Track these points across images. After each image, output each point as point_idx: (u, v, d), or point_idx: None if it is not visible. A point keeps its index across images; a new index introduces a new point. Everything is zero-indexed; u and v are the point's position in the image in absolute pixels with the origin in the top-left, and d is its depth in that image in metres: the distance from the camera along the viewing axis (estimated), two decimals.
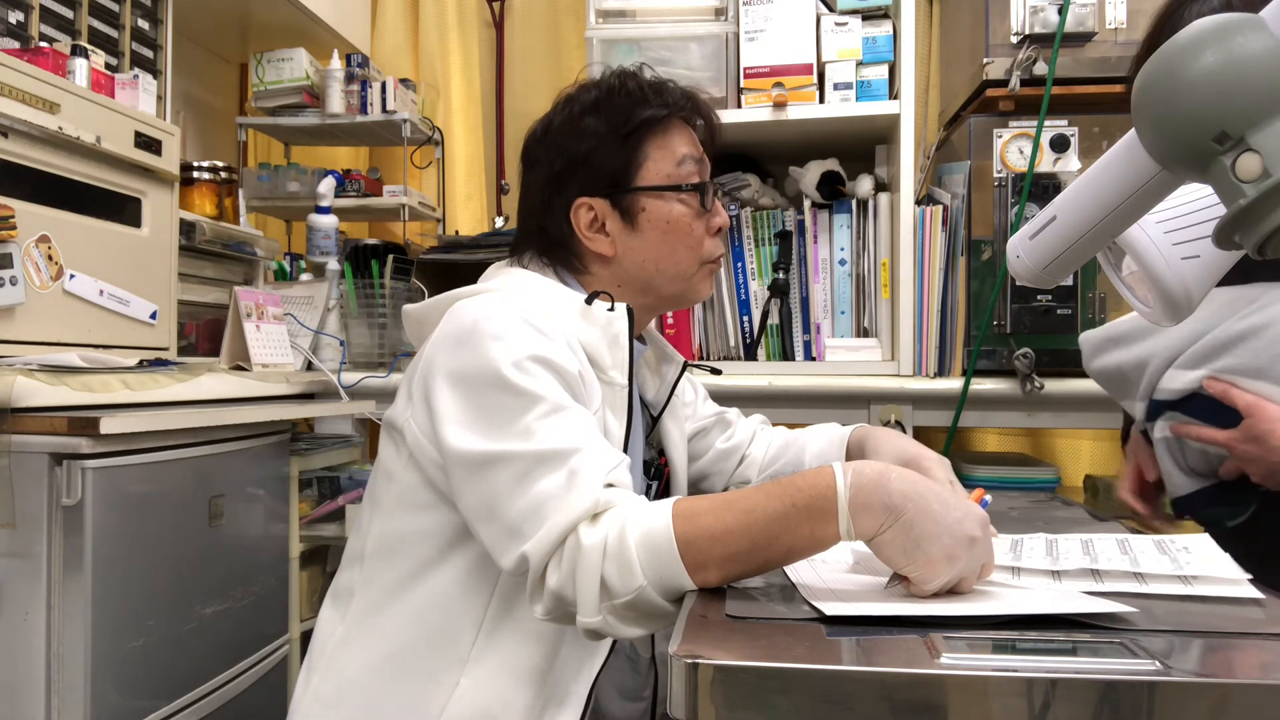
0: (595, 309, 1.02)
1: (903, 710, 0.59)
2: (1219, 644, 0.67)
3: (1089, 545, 0.91)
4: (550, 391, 0.90)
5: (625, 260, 1.09)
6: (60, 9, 1.66)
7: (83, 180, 1.50)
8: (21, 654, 1.11)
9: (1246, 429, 1.06)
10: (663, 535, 0.79)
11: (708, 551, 0.78)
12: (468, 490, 0.90)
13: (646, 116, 1.07)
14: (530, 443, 0.87)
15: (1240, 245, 0.67)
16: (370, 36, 2.71)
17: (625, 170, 1.08)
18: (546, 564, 0.83)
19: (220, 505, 1.38)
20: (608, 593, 0.80)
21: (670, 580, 0.79)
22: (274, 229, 2.70)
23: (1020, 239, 1.00)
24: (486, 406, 0.90)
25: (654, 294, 1.11)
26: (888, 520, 0.75)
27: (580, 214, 1.08)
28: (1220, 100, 0.64)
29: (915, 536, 0.74)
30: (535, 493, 0.85)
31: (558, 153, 1.09)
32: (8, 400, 1.08)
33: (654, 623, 0.83)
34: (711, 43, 1.86)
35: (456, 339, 0.95)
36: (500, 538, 0.87)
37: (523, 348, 0.91)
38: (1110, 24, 1.71)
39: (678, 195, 1.08)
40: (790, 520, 0.78)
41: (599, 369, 1.00)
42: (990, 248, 1.72)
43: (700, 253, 1.10)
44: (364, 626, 0.98)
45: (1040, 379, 1.67)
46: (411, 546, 0.98)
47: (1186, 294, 0.94)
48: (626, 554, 0.80)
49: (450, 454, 0.91)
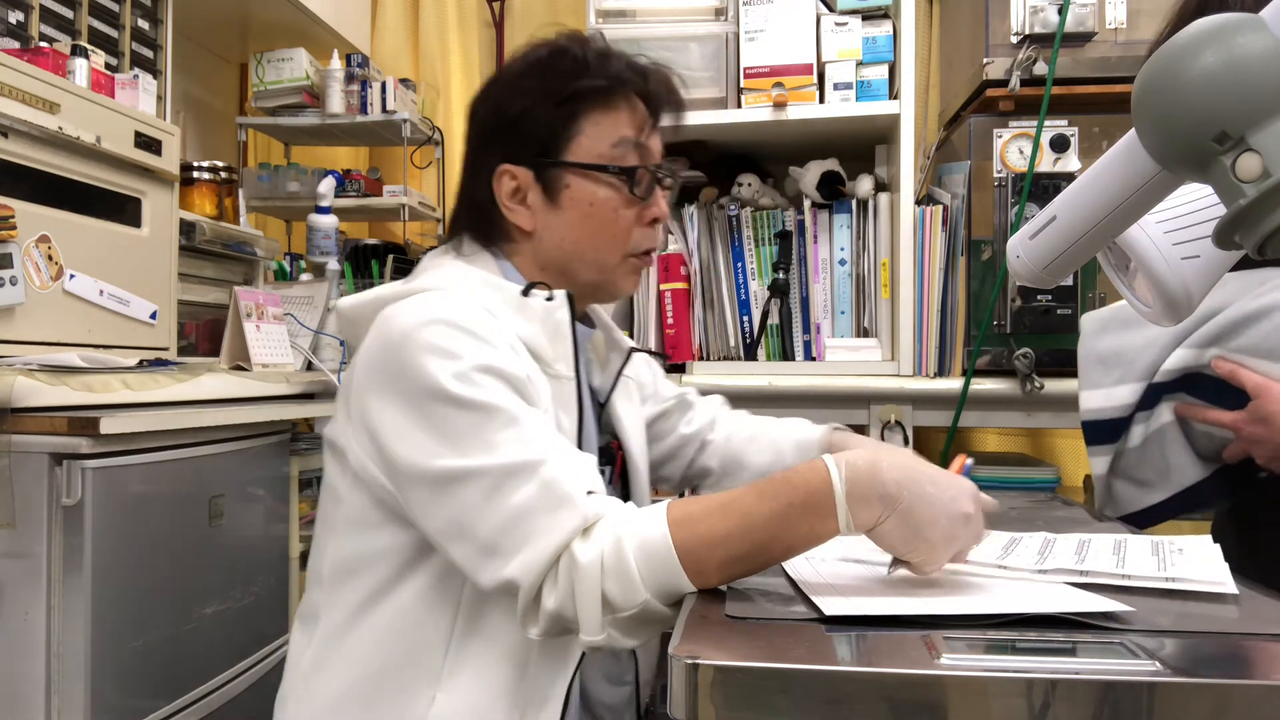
0: (533, 301, 0.97)
1: (903, 710, 0.59)
2: (1219, 644, 0.67)
3: (1084, 546, 0.91)
4: (503, 400, 0.86)
5: (543, 238, 1.02)
6: (60, 9, 1.66)
7: (83, 180, 1.50)
8: (21, 654, 1.11)
9: (1254, 410, 1.05)
10: (661, 545, 0.78)
11: (708, 557, 0.78)
12: (432, 511, 0.86)
13: (584, 85, 0.99)
14: (495, 456, 0.83)
15: (1240, 245, 0.67)
16: (370, 36, 2.71)
17: (554, 141, 1.00)
18: (540, 586, 0.81)
19: (220, 505, 1.38)
20: (610, 608, 0.79)
21: (672, 588, 0.79)
22: (274, 229, 2.70)
23: (1020, 239, 1.00)
24: (438, 424, 0.86)
25: (572, 280, 1.03)
26: (885, 510, 0.75)
27: (502, 180, 1.01)
28: (1220, 100, 0.64)
29: (915, 524, 0.75)
30: (508, 507, 0.82)
31: (491, 109, 1.03)
32: (8, 400, 1.08)
33: (656, 629, 0.82)
34: (711, 43, 1.86)
35: (389, 353, 0.89)
36: (475, 557, 0.84)
37: (465, 358, 0.87)
38: (1110, 24, 1.71)
39: (605, 177, 1.00)
40: (789, 519, 0.77)
41: (543, 363, 0.96)
42: (990, 248, 1.72)
43: (625, 244, 1.02)
44: (332, 650, 0.95)
45: (1040, 379, 1.67)
46: (369, 567, 0.94)
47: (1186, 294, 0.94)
48: (626, 567, 0.78)
49: (408, 474, 0.87)
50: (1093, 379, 1.22)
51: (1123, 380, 1.18)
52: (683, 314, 1.86)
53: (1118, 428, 1.19)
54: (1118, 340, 1.20)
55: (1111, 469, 1.21)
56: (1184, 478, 1.16)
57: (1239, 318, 1.09)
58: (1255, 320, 1.07)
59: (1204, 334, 1.11)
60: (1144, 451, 1.18)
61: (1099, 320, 1.24)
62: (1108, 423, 1.20)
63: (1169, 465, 1.16)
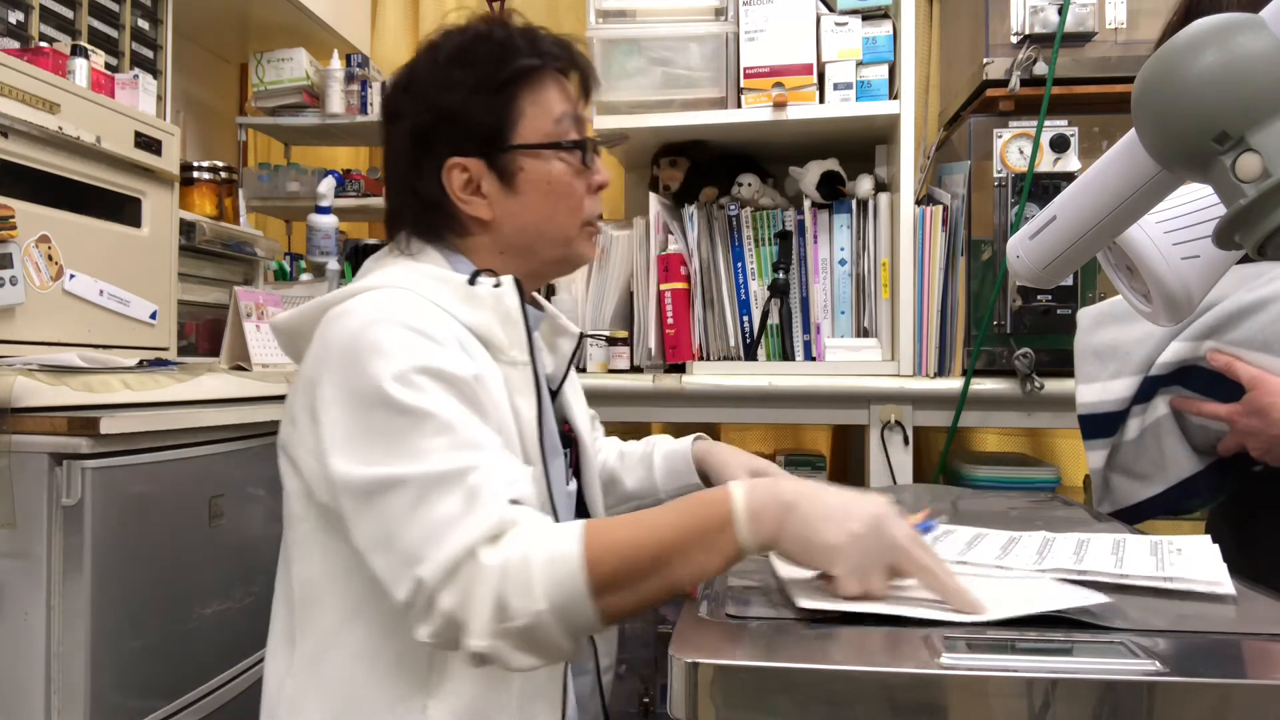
0: (480, 289, 0.96)
1: (903, 710, 0.59)
2: (1219, 644, 0.67)
3: (1083, 546, 0.91)
4: (440, 406, 0.84)
5: (505, 225, 1.01)
6: (60, 9, 1.66)
7: (83, 180, 1.50)
8: (21, 654, 1.11)
9: (1249, 402, 1.05)
10: (568, 555, 0.77)
11: (614, 571, 0.77)
12: (359, 520, 0.85)
13: (519, 67, 0.99)
14: (423, 464, 0.82)
15: (1240, 245, 0.67)
16: (370, 36, 2.71)
17: (499, 128, 0.99)
18: (442, 586, 0.79)
19: (220, 505, 1.38)
20: (502, 615, 0.77)
21: (571, 606, 0.77)
22: (274, 229, 2.70)
23: (1020, 239, 1.00)
24: (373, 428, 0.84)
25: (536, 259, 1.04)
26: (783, 515, 0.76)
27: (453, 175, 0.99)
28: (1220, 100, 0.64)
29: (812, 524, 0.75)
30: (432, 518, 0.80)
31: (424, 106, 1.01)
32: (8, 400, 1.08)
33: (547, 655, 0.80)
34: (711, 43, 1.86)
35: (335, 355, 0.88)
36: (396, 568, 0.81)
37: (407, 359, 0.85)
38: (1110, 24, 1.71)
39: (557, 154, 1.01)
40: (690, 531, 0.78)
41: (497, 351, 0.95)
42: (990, 248, 1.72)
43: (581, 213, 1.04)
44: (314, 676, 0.93)
45: (1040, 379, 1.67)
46: (338, 586, 0.93)
47: (1186, 294, 0.94)
48: (528, 576, 0.77)
49: (339, 482, 0.85)
50: (1089, 373, 1.22)
51: (1119, 374, 1.19)
52: (683, 314, 1.86)
53: (1114, 421, 1.19)
54: (1114, 334, 1.20)
55: (1108, 463, 1.21)
56: (1180, 470, 1.16)
57: (1235, 310, 1.09)
58: (1251, 313, 1.07)
59: (1200, 327, 1.11)
60: (1140, 445, 1.18)
61: (1095, 315, 1.24)
62: (1104, 416, 1.20)
63: (1165, 458, 1.16)
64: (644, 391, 1.81)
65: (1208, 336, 1.11)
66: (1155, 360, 1.15)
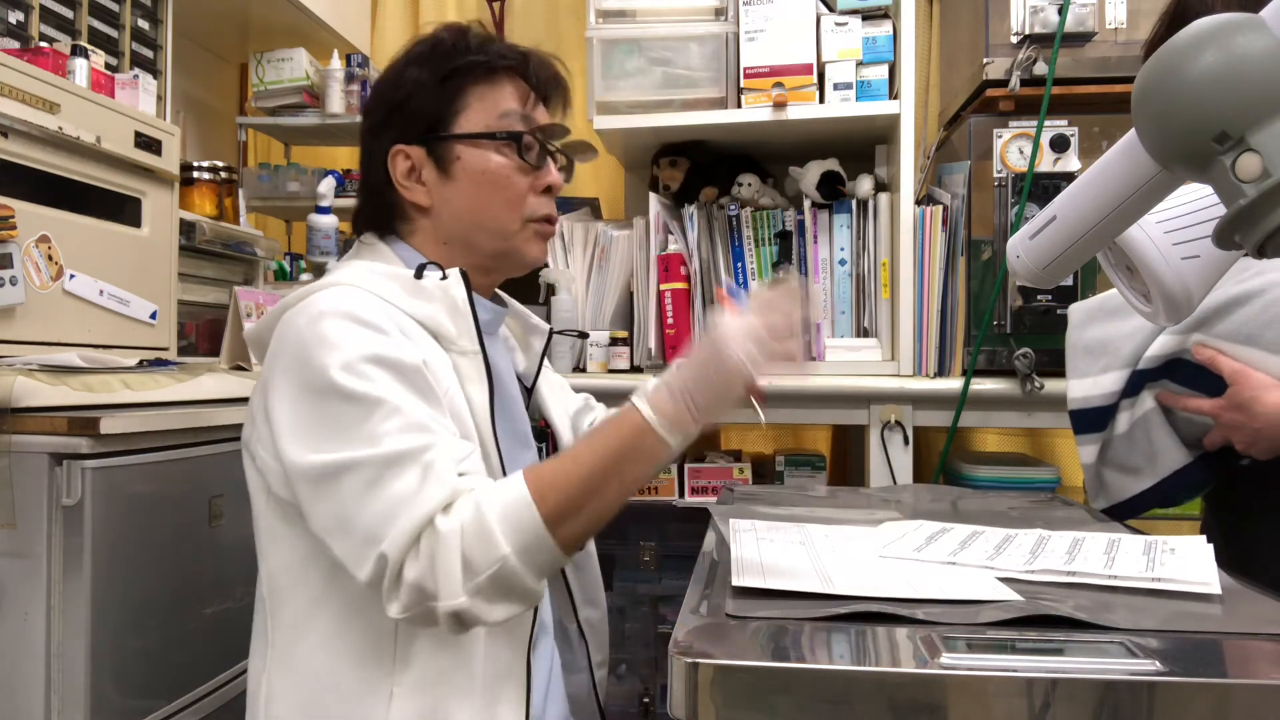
0: (427, 281, 0.98)
1: (903, 710, 0.59)
2: (1219, 644, 0.67)
3: (1076, 545, 0.91)
4: (389, 392, 0.87)
5: (442, 212, 1.04)
6: (60, 9, 1.66)
7: (83, 180, 1.50)
8: (21, 654, 1.11)
9: (1231, 397, 1.06)
10: (518, 497, 0.83)
11: (557, 501, 0.84)
12: (316, 505, 0.87)
13: (464, 62, 1.03)
14: (377, 447, 0.85)
15: (1240, 245, 0.67)
16: (370, 36, 2.71)
17: (441, 117, 1.03)
18: (404, 559, 0.82)
19: (220, 505, 1.38)
20: (470, 570, 0.82)
21: (532, 544, 0.83)
22: (274, 229, 2.70)
23: (1020, 239, 1.00)
24: (325, 417, 0.87)
25: (477, 251, 1.06)
26: (685, 402, 0.86)
27: (397, 161, 1.03)
28: (1220, 100, 0.64)
29: (704, 390, 0.86)
30: (387, 496, 0.84)
31: (379, 101, 1.06)
32: (8, 400, 1.08)
33: (520, 599, 0.85)
34: (711, 43, 1.86)
35: (286, 350, 0.92)
36: (356, 549, 0.85)
37: (353, 349, 0.88)
38: (1110, 24, 1.71)
39: (494, 145, 1.03)
40: (620, 450, 0.87)
41: (446, 341, 0.98)
42: (990, 248, 1.72)
43: (522, 210, 1.05)
44: (285, 670, 0.95)
45: (1040, 379, 1.66)
46: (300, 578, 0.95)
47: (1186, 294, 0.94)
48: (486, 528, 0.82)
49: (293, 470, 0.88)
50: (1079, 368, 1.23)
51: (1108, 368, 1.19)
52: (683, 314, 1.86)
53: (1104, 416, 1.20)
54: (1104, 330, 1.21)
55: (1100, 458, 1.22)
56: (1171, 463, 1.17)
57: (1222, 303, 1.09)
58: (1237, 305, 1.07)
59: (1187, 320, 1.11)
60: (1130, 439, 1.19)
61: (1086, 310, 1.25)
62: (1094, 410, 1.21)
63: (1155, 451, 1.17)
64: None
65: (1195, 329, 1.11)
66: (1143, 354, 1.16)
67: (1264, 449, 1.06)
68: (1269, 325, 1.05)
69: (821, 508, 1.20)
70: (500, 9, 2.65)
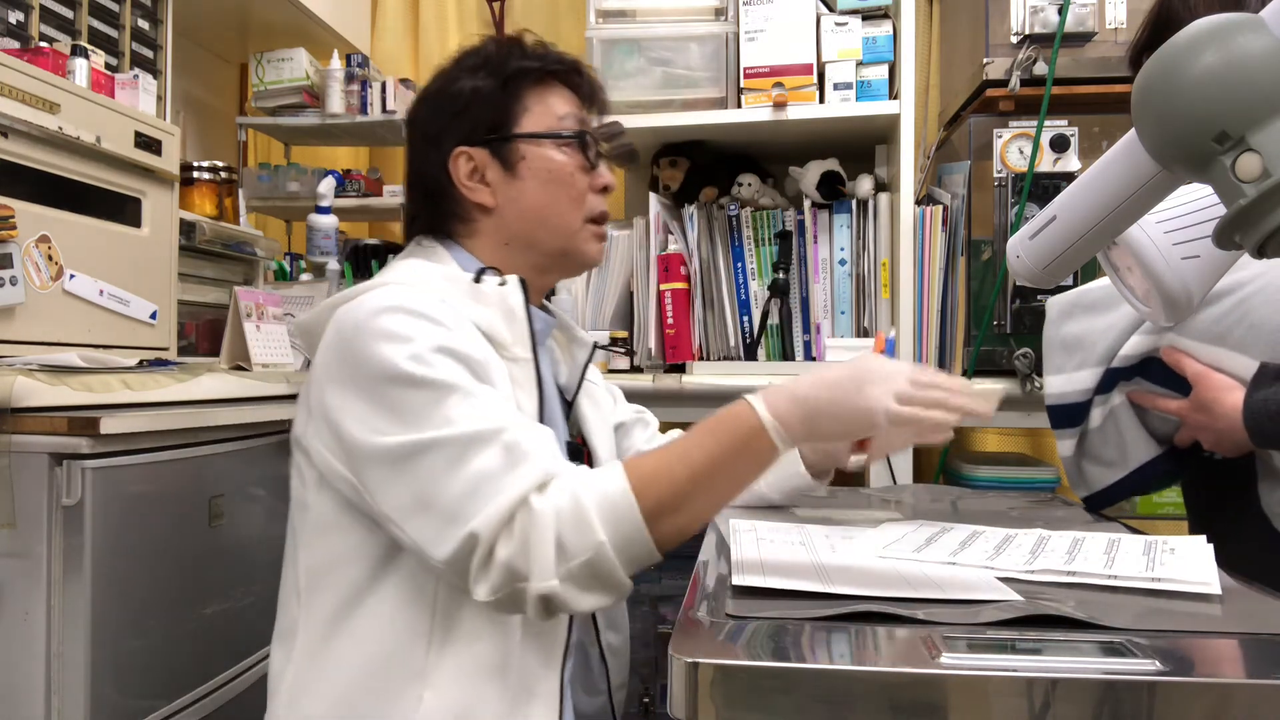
0: (485, 286, 0.99)
1: (903, 710, 0.59)
2: (1218, 644, 0.67)
3: (1076, 545, 0.91)
4: (459, 378, 0.88)
5: (506, 211, 1.05)
6: (60, 9, 1.66)
7: (83, 180, 1.50)
8: (21, 654, 1.11)
9: (1195, 398, 1.08)
10: (618, 489, 0.82)
11: (658, 496, 0.83)
12: (392, 487, 0.87)
13: (523, 66, 1.06)
14: (455, 427, 0.85)
15: (1240, 245, 0.67)
16: (370, 36, 2.71)
17: (503, 119, 1.05)
18: (496, 538, 0.82)
19: (220, 505, 1.38)
20: (564, 554, 0.81)
21: (629, 535, 0.82)
22: (274, 229, 2.70)
23: (1020, 239, 1.00)
24: (396, 404, 0.87)
25: (538, 250, 1.07)
26: (806, 412, 0.84)
27: (459, 163, 1.04)
28: (1220, 100, 0.64)
29: (834, 408, 0.83)
30: (471, 473, 0.83)
31: (435, 107, 1.07)
32: (8, 400, 1.08)
33: (609, 591, 0.84)
34: (711, 43, 1.86)
35: (344, 345, 0.91)
36: (437, 527, 0.84)
37: (421, 341, 0.88)
38: (1110, 24, 1.71)
39: (557, 144, 1.05)
40: (729, 450, 0.85)
41: (500, 347, 0.97)
42: (990, 248, 1.72)
43: (583, 208, 1.07)
44: (314, 664, 0.94)
45: (1040, 379, 1.66)
46: (340, 573, 0.94)
47: (1186, 294, 0.94)
48: (583, 513, 0.81)
49: (366, 453, 0.87)
50: (1056, 364, 1.24)
51: (1083, 365, 1.21)
52: (683, 314, 1.86)
53: (1079, 411, 1.21)
54: (1081, 325, 1.22)
55: (1078, 450, 1.23)
56: (1140, 456, 1.19)
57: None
58: (1208, 304, 1.08)
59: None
60: (1103, 433, 1.21)
61: (1062, 306, 1.25)
62: (1070, 406, 1.22)
63: (1125, 444, 1.20)
64: (644, 391, 1.80)
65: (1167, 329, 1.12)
66: (1118, 352, 1.17)
67: (1229, 447, 1.08)
68: (1238, 324, 1.06)
69: (821, 508, 1.20)
70: (500, 9, 2.65)
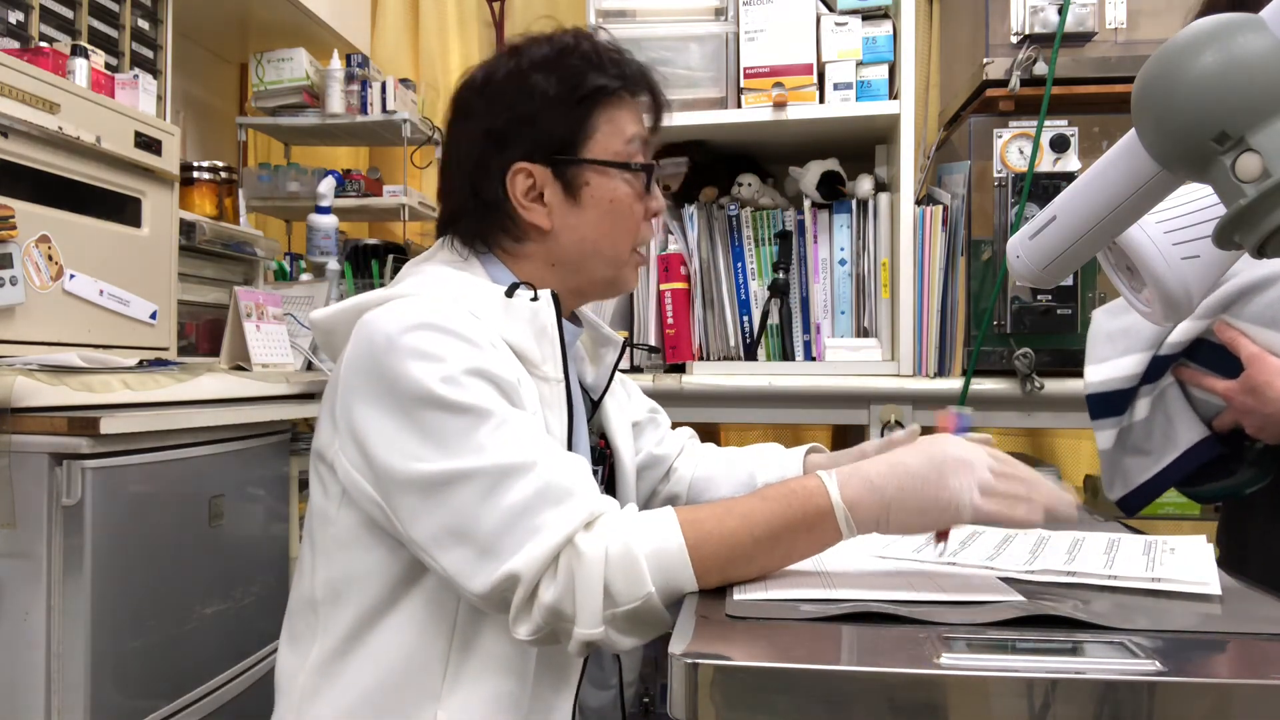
0: (518, 302, 0.95)
1: (903, 710, 0.59)
2: (1219, 644, 0.67)
3: (1076, 545, 0.91)
4: (493, 404, 0.85)
5: (561, 236, 1.01)
6: (60, 9, 1.66)
7: (83, 180, 1.50)
8: (21, 654, 1.11)
9: (1245, 380, 1.06)
10: (675, 545, 0.79)
11: (713, 555, 0.79)
12: (423, 516, 0.84)
13: (600, 85, 0.99)
14: (489, 457, 0.82)
15: (1240, 245, 0.67)
16: (370, 36, 2.71)
17: (572, 139, 0.99)
18: (539, 579, 0.80)
19: (220, 505, 1.38)
20: (611, 600, 0.78)
21: (676, 585, 0.79)
22: (274, 229, 2.70)
23: (1020, 239, 1.00)
24: (429, 429, 0.84)
25: (585, 276, 1.04)
26: (881, 501, 0.80)
27: (518, 179, 0.99)
28: (1220, 100, 0.64)
29: (912, 500, 0.79)
30: (507, 506, 0.81)
31: (500, 107, 1.00)
32: (8, 400, 1.08)
33: (651, 631, 0.82)
34: (711, 43, 1.86)
35: (373, 360, 0.87)
36: (472, 561, 0.81)
37: (454, 362, 0.85)
38: (1110, 24, 1.71)
39: (624, 174, 1.01)
40: (789, 521, 0.80)
41: (530, 365, 0.94)
42: (990, 248, 1.72)
43: (635, 237, 1.04)
44: (328, 676, 0.93)
45: (1040, 379, 1.67)
46: (360, 590, 0.92)
47: (1186, 294, 0.94)
48: (634, 563, 0.78)
49: (396, 480, 0.85)
50: (1100, 354, 1.22)
51: (1128, 350, 1.18)
52: (683, 314, 1.86)
53: (1123, 399, 1.19)
54: (1127, 320, 1.20)
55: (1118, 443, 1.21)
56: (1187, 438, 1.16)
57: (1245, 285, 1.08)
58: (1260, 289, 1.07)
59: (1210, 303, 1.11)
60: (1149, 423, 1.18)
61: (1110, 308, 1.24)
62: (1113, 394, 1.20)
63: (1173, 426, 1.16)
64: (644, 391, 1.80)
65: (1221, 311, 1.11)
66: (1165, 339, 1.15)
67: (1273, 434, 1.06)
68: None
69: None
70: (500, 9, 2.66)
